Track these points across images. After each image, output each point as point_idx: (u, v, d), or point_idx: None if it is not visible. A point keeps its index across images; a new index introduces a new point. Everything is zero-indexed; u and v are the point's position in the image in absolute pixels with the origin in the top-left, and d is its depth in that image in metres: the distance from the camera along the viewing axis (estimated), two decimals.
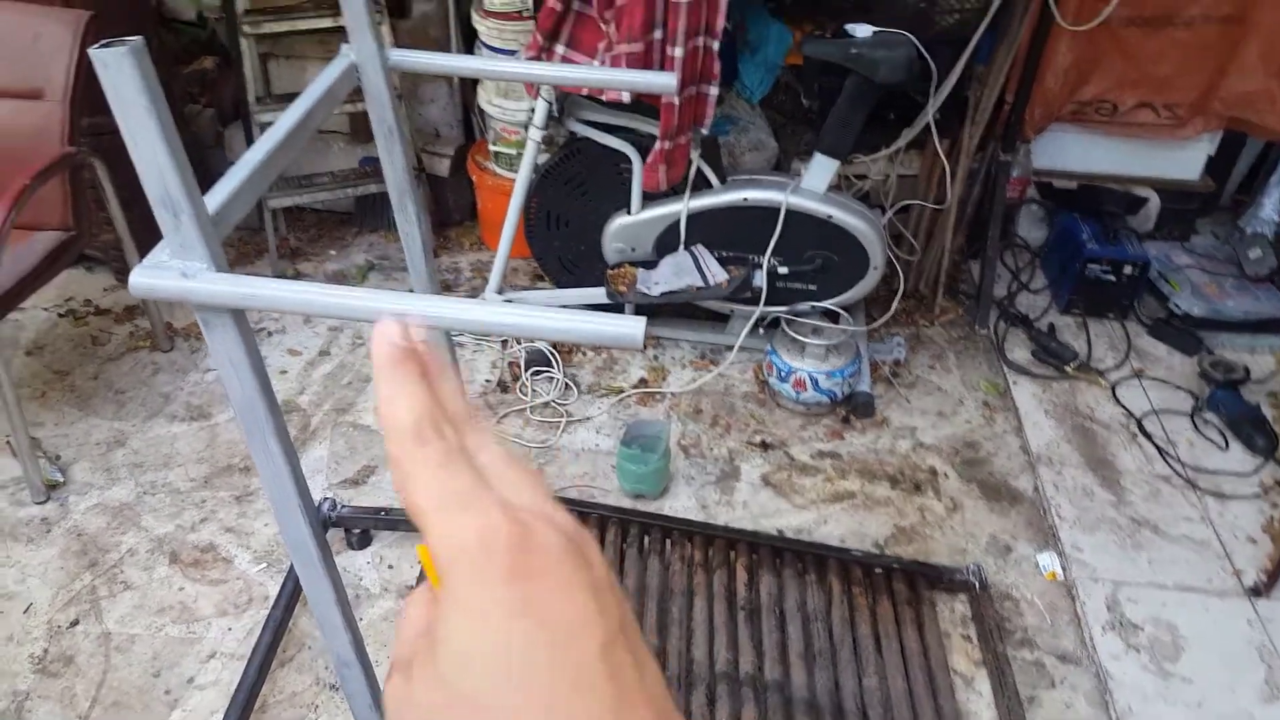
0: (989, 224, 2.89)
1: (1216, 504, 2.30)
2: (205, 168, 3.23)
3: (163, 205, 0.96)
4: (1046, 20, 2.65)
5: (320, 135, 3.19)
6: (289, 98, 3.02)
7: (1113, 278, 2.83)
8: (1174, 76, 2.93)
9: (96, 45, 0.85)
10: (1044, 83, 2.89)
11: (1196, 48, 2.88)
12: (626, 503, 2.26)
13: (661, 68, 2.22)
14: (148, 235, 2.77)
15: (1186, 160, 3.11)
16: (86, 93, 2.39)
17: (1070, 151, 3.10)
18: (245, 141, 3.06)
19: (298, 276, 3.08)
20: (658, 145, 2.31)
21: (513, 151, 2.87)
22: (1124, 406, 2.59)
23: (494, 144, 2.91)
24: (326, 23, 2.88)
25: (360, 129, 3.11)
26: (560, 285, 2.79)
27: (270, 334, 2.86)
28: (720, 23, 2.23)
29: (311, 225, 3.40)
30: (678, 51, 2.19)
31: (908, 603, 2.00)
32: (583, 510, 2.10)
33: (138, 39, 0.88)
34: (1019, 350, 2.79)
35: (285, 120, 1.22)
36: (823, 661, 1.87)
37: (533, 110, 2.44)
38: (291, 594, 2.03)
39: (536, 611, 0.29)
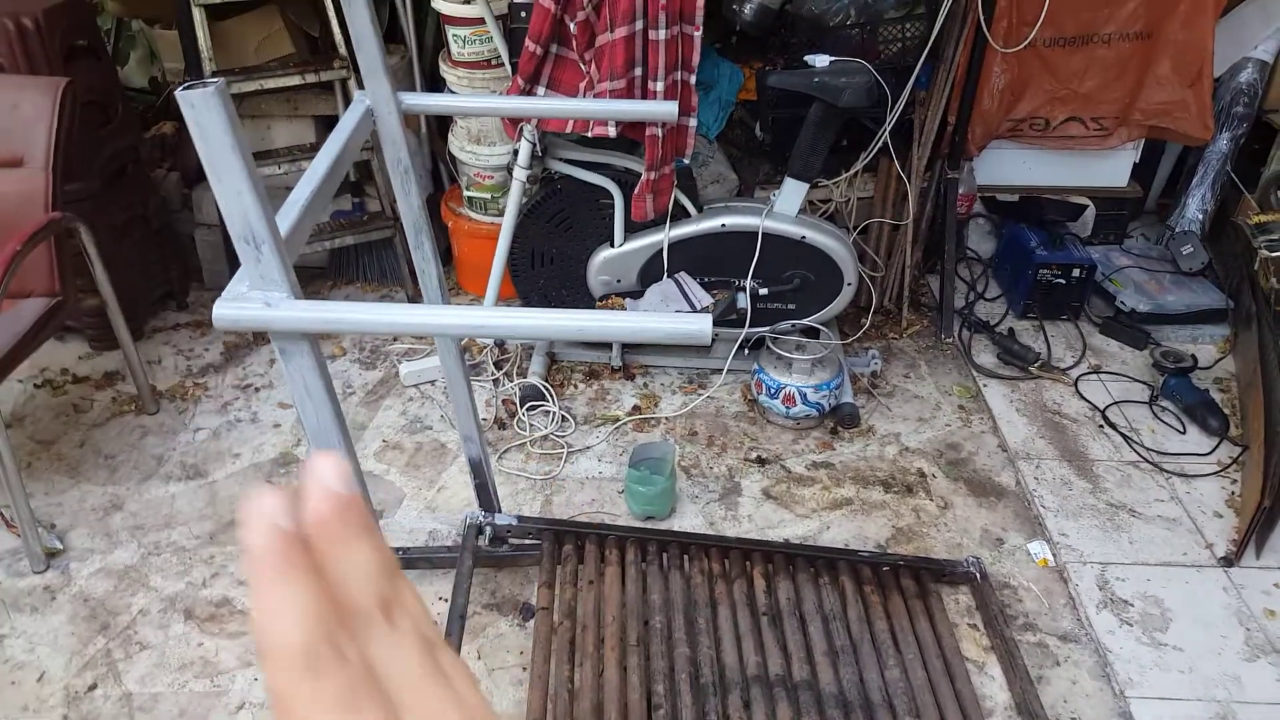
0: (943, 239, 3.07)
1: (1182, 484, 2.49)
2: (173, 230, 3.26)
3: (244, 240, 1.01)
4: (980, 44, 2.85)
5: (287, 192, 3.24)
6: (257, 156, 3.09)
7: (1063, 281, 3.03)
8: (1097, 91, 3.16)
9: (182, 87, 0.92)
10: (981, 104, 3.09)
11: (1115, 63, 3.12)
12: (638, 524, 2.35)
13: None
14: (131, 300, 2.88)
15: (1114, 169, 3.35)
16: (64, 159, 2.43)
17: (1010, 166, 3.32)
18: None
19: None
20: (644, 176, 2.43)
21: (486, 196, 2.96)
22: (1088, 400, 2.77)
23: (467, 189, 3.00)
24: (294, 81, 2.95)
25: None
26: None
27: (258, 389, 2.89)
28: (696, 58, 2.36)
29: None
30: (659, 86, 2.32)
31: (917, 596, 2.13)
32: (601, 532, 2.19)
33: (220, 80, 0.95)
34: (984, 355, 2.97)
35: (319, 163, 1.29)
36: (846, 658, 1.98)
37: (515, 152, 2.54)
38: None
39: None
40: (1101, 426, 2.68)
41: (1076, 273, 3.01)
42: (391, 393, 2.88)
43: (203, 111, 0.93)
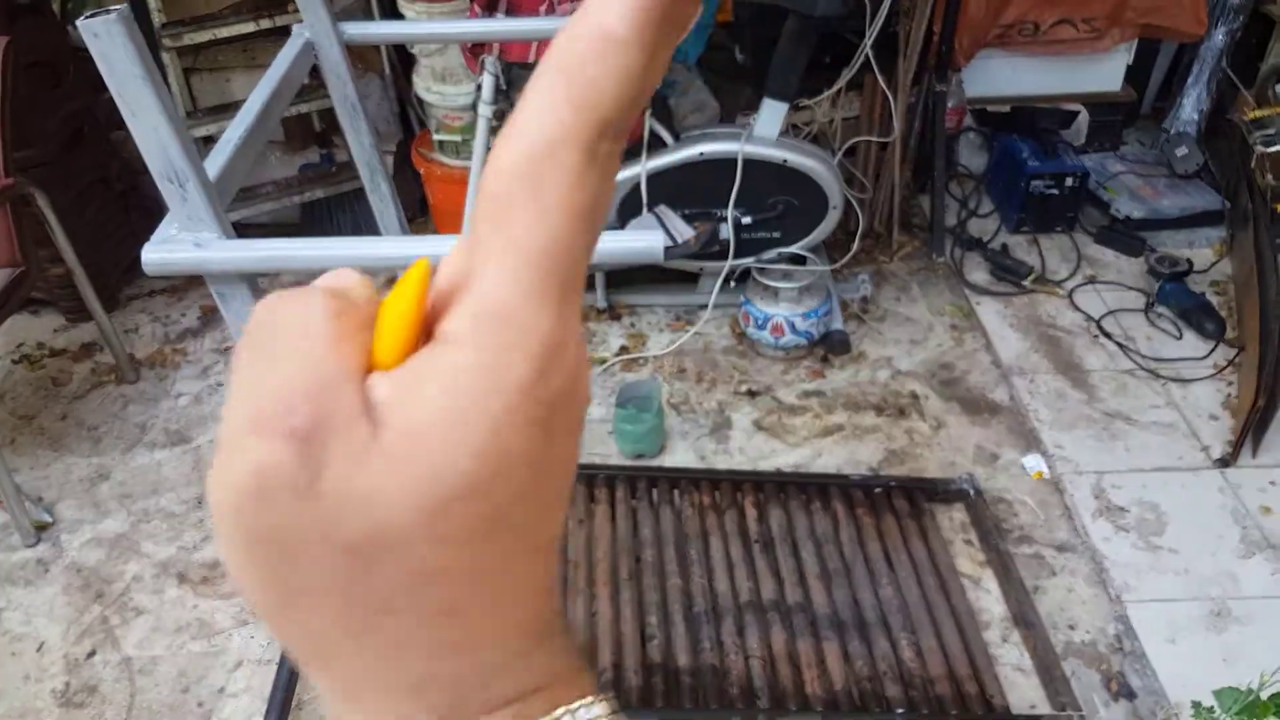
0: (933, 156, 3.14)
1: (1178, 389, 2.59)
2: (140, 194, 3.32)
3: (167, 178, 0.99)
4: None
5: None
6: (219, 110, 3.15)
7: (1056, 191, 3.10)
8: None
9: (85, 16, 0.88)
10: (968, 10, 3.13)
11: None
12: (628, 462, 2.46)
13: None
14: (100, 267, 2.95)
15: (1107, 72, 3.40)
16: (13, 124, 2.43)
17: (1000, 76, 3.37)
18: None
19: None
20: None
21: (457, 139, 3.02)
22: (1082, 311, 2.87)
23: (437, 133, 3.06)
24: (248, 27, 2.99)
25: (297, 135, 3.24)
26: None
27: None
28: None
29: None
30: None
31: (910, 516, 2.23)
32: (589, 472, 2.29)
33: (123, 6, 0.90)
34: (977, 273, 3.06)
35: (253, 102, 1.25)
36: (839, 580, 2.09)
37: (479, 88, 2.59)
38: None
39: (551, 436, 0.25)
40: (1096, 337, 2.78)
41: (1069, 182, 3.08)
42: None
43: (107, 41, 0.90)
